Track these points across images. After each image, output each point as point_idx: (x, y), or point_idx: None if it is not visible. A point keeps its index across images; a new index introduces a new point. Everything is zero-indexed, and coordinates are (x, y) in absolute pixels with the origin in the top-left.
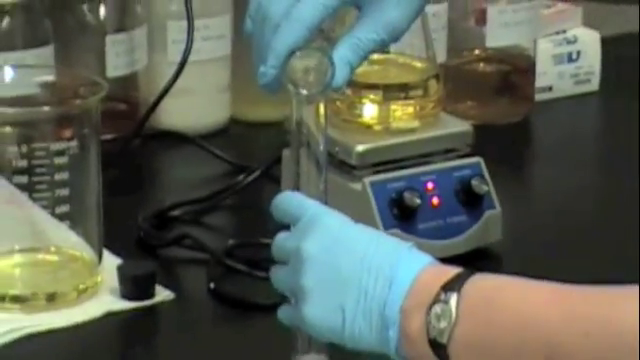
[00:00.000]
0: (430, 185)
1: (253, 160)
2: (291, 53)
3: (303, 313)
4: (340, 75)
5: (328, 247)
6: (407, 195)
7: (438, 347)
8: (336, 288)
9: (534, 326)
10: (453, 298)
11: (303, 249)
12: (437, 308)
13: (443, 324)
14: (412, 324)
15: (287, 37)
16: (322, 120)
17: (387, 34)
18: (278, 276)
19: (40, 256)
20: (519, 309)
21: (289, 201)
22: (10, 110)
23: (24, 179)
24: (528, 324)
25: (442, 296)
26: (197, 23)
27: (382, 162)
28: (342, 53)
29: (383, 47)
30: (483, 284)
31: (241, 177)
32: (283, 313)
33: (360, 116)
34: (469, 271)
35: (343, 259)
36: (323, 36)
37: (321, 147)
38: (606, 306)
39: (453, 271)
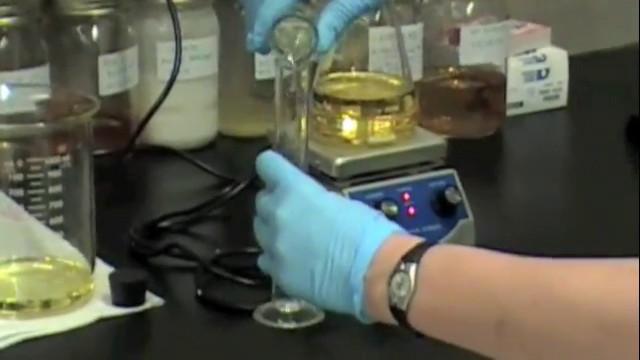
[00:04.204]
0: (406, 196)
1: (239, 173)
2: (277, 21)
3: (278, 275)
4: (325, 40)
5: (300, 215)
6: (384, 205)
7: (399, 313)
8: (307, 254)
9: (487, 293)
10: (412, 268)
11: (277, 216)
12: (397, 277)
13: (403, 292)
14: (375, 291)
15: (272, 6)
16: (303, 135)
17: (371, 0)
18: (259, 231)
19: (36, 265)
20: (474, 277)
21: (268, 163)
22: (7, 127)
23: (20, 192)
24: (481, 291)
25: (402, 266)
26: (185, 43)
27: (361, 174)
28: (327, 19)
29: (367, 13)
30: (441, 254)
31: (227, 189)
32: (262, 262)
33: (340, 131)
34: (429, 242)
35: (313, 226)
36: (310, 4)
37: (302, 159)
38: (556, 277)
39: (414, 241)
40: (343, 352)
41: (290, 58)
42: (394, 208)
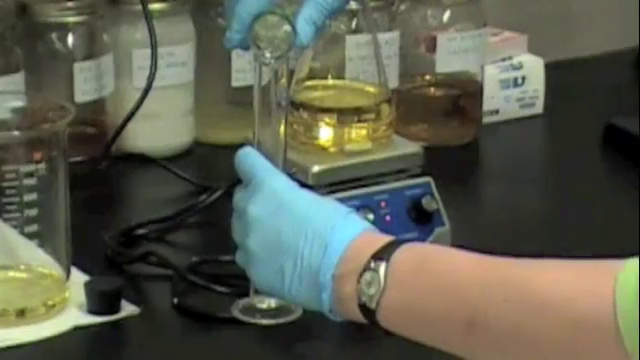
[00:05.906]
0: (383, 203)
1: (215, 180)
2: (255, 17)
3: (250, 271)
4: (305, 35)
5: (271, 211)
6: (361, 213)
7: (368, 312)
8: (277, 251)
9: (457, 291)
10: (382, 266)
11: (248, 212)
12: (367, 275)
13: (372, 290)
14: (344, 289)
15: (250, 3)
16: (281, 142)
17: None
18: (234, 227)
19: (10, 273)
20: (443, 275)
21: (244, 159)
22: None
23: None
24: (451, 289)
25: (372, 264)
26: (161, 50)
27: (337, 182)
28: (307, 13)
29: (346, 5)
30: (411, 252)
31: (204, 197)
32: (238, 258)
33: (316, 138)
34: (399, 240)
35: (284, 223)
36: (288, 0)
37: (279, 161)
38: (527, 274)
39: (384, 239)
40: (323, 358)
41: (268, 54)
42: (370, 216)
